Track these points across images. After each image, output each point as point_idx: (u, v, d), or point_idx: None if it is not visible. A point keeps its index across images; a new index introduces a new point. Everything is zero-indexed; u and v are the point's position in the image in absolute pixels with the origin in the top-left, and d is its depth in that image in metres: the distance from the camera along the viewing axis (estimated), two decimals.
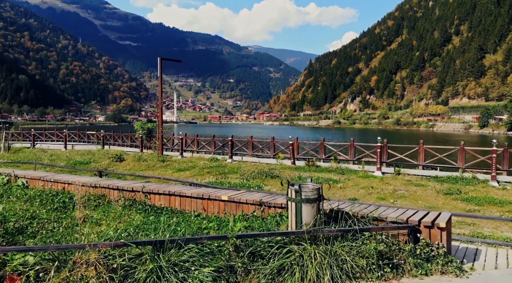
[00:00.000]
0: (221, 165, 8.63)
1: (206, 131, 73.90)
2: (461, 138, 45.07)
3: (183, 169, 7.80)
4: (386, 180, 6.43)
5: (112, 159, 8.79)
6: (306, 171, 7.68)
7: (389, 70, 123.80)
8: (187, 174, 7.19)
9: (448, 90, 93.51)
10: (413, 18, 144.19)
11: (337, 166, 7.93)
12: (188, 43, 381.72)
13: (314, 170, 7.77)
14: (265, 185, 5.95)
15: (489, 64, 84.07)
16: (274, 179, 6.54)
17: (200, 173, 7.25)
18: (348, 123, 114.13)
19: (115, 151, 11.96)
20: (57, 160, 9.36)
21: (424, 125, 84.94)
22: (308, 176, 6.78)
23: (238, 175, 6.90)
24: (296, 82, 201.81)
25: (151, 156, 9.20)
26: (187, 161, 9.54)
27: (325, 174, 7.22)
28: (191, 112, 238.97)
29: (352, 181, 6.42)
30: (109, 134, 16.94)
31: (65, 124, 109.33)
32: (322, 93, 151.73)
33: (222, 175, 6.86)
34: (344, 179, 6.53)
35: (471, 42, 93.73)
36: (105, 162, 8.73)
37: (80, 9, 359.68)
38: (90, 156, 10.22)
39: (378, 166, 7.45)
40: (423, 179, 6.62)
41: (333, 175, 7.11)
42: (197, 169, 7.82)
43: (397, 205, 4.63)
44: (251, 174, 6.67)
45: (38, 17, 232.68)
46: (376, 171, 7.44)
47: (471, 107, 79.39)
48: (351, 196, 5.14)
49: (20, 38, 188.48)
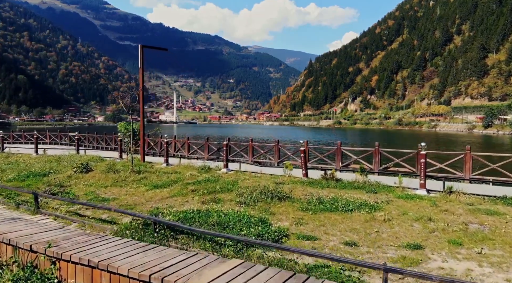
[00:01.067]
0: (213, 176, 6.84)
1: (206, 131, 72.62)
2: (469, 139, 43.38)
3: (161, 185, 5.95)
4: (439, 203, 4.59)
5: (76, 169, 7.00)
6: (324, 186, 5.80)
7: (390, 70, 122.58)
8: (164, 194, 5.36)
9: (450, 90, 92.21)
10: (413, 17, 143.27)
11: (363, 180, 6.05)
12: (188, 43, 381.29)
13: (335, 185, 5.89)
14: (273, 214, 4.13)
15: (492, 64, 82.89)
16: (284, 201, 4.71)
17: (182, 192, 5.40)
18: (349, 124, 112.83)
19: (90, 156, 10.22)
20: (9, 169, 7.59)
21: (426, 125, 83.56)
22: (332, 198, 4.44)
23: (233, 194, 5.16)
24: (296, 82, 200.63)
25: (126, 166, 7.31)
26: (171, 170, 7.75)
27: (351, 192, 5.40)
28: (191, 112, 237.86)
29: (394, 205, 4.59)
30: (91, 136, 15.11)
31: (63, 125, 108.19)
32: (323, 93, 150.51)
33: (212, 195, 5.05)
34: (382, 202, 4.66)
35: (473, 41, 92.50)
36: (67, 173, 6.96)
37: (79, 9, 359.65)
38: (55, 163, 8.44)
39: (422, 181, 5.44)
40: (489, 201, 4.80)
41: (363, 194, 5.31)
42: (179, 184, 6.02)
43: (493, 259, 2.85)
44: (252, 193, 4.92)
45: (38, 17, 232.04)
46: (420, 189, 5.50)
47: (474, 107, 78.08)
48: (406, 239, 3.34)
49: (19, 38, 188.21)
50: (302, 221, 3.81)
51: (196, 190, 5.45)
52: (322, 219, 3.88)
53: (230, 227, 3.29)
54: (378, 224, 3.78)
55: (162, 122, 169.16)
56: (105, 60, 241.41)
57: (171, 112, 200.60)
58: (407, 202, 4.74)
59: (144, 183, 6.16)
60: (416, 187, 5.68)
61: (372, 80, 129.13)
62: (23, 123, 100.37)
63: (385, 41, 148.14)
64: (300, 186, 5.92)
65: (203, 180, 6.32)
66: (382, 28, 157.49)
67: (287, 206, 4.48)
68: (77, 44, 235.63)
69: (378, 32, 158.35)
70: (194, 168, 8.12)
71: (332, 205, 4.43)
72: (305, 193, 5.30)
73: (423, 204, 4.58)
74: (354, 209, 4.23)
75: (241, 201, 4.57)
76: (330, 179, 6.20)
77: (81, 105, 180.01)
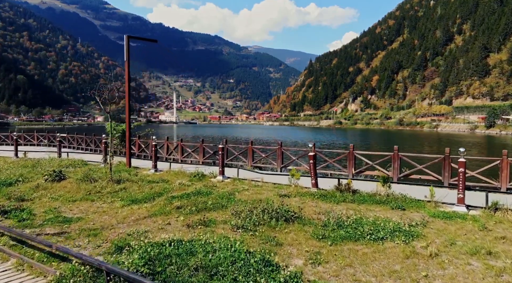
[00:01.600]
0: (206, 186, 5.82)
1: (205, 131, 71.76)
2: (473, 139, 42.32)
3: (140, 200, 4.88)
4: (489, 226, 3.61)
5: (47, 177, 5.98)
6: (339, 201, 4.76)
7: (391, 70, 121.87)
8: (142, 212, 4.31)
9: (452, 89, 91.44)
10: (414, 17, 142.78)
11: (386, 192, 4.96)
12: (188, 43, 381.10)
13: (352, 199, 4.81)
14: (279, 246, 3.04)
15: (494, 63, 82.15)
16: (292, 223, 3.66)
17: (164, 210, 4.33)
18: (350, 124, 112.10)
19: (71, 160, 9.18)
20: None
21: (428, 125, 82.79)
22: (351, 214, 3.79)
23: (228, 213, 4.14)
24: (296, 82, 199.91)
25: (105, 173, 6.28)
26: (158, 178, 6.68)
27: (373, 208, 4.38)
28: (190, 112, 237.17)
29: (433, 229, 3.54)
30: (80, 137, 14.05)
31: (63, 125, 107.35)
32: (323, 93, 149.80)
33: (201, 215, 3.98)
34: (417, 224, 3.65)
35: (475, 41, 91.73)
36: (36, 182, 5.97)
37: (79, 9, 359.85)
38: (29, 169, 7.44)
39: (460, 195, 4.33)
40: None
41: (388, 210, 4.30)
42: (163, 198, 4.93)
43: None
44: (252, 211, 3.89)
45: (38, 17, 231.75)
46: (458, 205, 4.40)
47: (475, 107, 77.33)
48: None
49: (19, 38, 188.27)
50: (320, 257, 2.80)
51: (182, 206, 4.38)
52: (347, 253, 2.89)
53: (220, 274, 2.25)
54: (424, 262, 2.75)
55: (162, 123, 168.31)
56: (104, 60, 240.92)
57: (171, 112, 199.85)
58: (448, 224, 3.72)
59: (122, 196, 5.12)
60: (451, 202, 4.63)
61: (373, 80, 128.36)
62: (22, 123, 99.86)
63: (386, 41, 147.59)
64: (310, 199, 4.87)
65: (193, 192, 5.27)
66: (383, 28, 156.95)
67: (297, 230, 3.42)
68: (77, 44, 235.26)
69: (378, 32, 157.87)
70: (185, 174, 7.09)
71: (355, 230, 3.37)
72: (318, 210, 4.28)
73: (469, 227, 3.58)
74: (386, 237, 3.18)
75: (238, 224, 3.49)
76: (345, 191, 5.12)
77: (81, 105, 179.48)
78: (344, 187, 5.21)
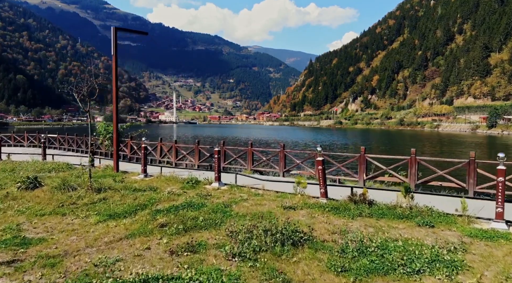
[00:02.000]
0: (198, 196, 5.07)
1: (205, 131, 71.16)
2: (475, 140, 41.54)
3: (120, 214, 4.12)
4: None
5: (20, 185, 5.27)
6: (355, 215, 4.08)
7: (391, 70, 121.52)
8: (119, 230, 3.54)
9: (453, 89, 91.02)
10: (414, 17, 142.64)
11: (408, 203, 4.26)
12: (188, 43, 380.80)
13: (369, 212, 4.13)
14: None
15: (495, 63, 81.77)
16: (302, 248, 2.90)
17: (145, 228, 3.57)
18: (350, 124, 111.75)
19: (56, 163, 8.47)
20: None
21: (429, 125, 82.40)
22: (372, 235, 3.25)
23: (222, 233, 3.37)
24: (296, 82, 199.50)
25: (85, 180, 5.50)
26: (145, 185, 5.92)
27: (397, 225, 3.71)
28: (190, 112, 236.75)
29: (477, 254, 2.86)
30: (71, 138, 13.36)
31: (62, 125, 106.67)
32: (323, 93, 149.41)
33: (189, 236, 3.26)
34: (455, 248, 2.91)
35: (476, 40, 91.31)
36: (7, 190, 5.25)
37: (79, 9, 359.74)
38: (5, 174, 6.72)
39: (499, 210, 3.56)
40: None
41: (414, 228, 3.62)
42: (147, 212, 4.18)
43: None
44: (251, 231, 3.11)
45: (37, 17, 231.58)
46: (497, 220, 3.63)
47: (477, 107, 76.97)
48: None
49: (18, 38, 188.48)
50: None
51: (167, 223, 3.61)
52: None
53: None
54: None
55: (161, 122, 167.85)
56: (104, 60, 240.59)
57: (170, 112, 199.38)
58: (492, 247, 3.01)
59: (99, 209, 4.35)
60: (488, 216, 3.94)
61: (373, 80, 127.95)
62: (21, 123, 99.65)
63: (386, 41, 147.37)
64: (320, 213, 4.18)
65: (183, 204, 4.51)
66: (383, 27, 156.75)
67: (309, 259, 2.68)
68: (77, 44, 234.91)
69: (378, 31, 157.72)
70: (177, 180, 6.36)
71: (382, 258, 2.62)
72: (331, 228, 3.59)
73: None
74: (423, 269, 2.43)
75: (234, 250, 2.73)
76: (360, 202, 4.40)
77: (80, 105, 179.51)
78: (358, 198, 4.49)
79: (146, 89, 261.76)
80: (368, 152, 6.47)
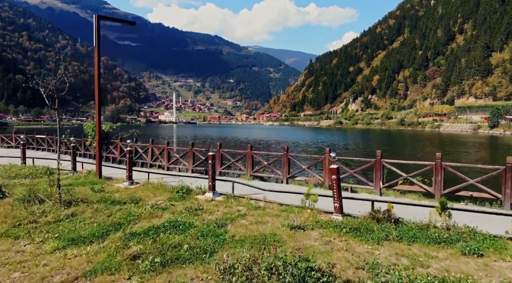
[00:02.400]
0: (187, 211, 4.30)
1: (205, 132, 70.90)
2: (478, 140, 41.07)
3: (86, 237, 3.37)
4: None
5: None
6: (380, 238, 3.33)
7: (392, 70, 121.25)
8: (79, 262, 2.83)
9: (454, 89, 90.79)
10: (414, 17, 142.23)
11: (445, 223, 3.50)
12: (188, 43, 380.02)
13: (398, 235, 3.40)
14: None
15: (496, 63, 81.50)
16: None
17: (113, 260, 2.83)
18: (350, 124, 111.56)
19: (35, 168, 7.68)
20: None
21: (430, 125, 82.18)
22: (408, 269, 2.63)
23: (212, 271, 2.62)
24: (296, 82, 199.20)
25: (73, 185, 5.12)
26: (127, 196, 5.18)
27: (436, 253, 3.02)
28: (190, 112, 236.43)
29: None
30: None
31: (61, 125, 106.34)
32: (323, 93, 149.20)
33: (166, 275, 2.56)
34: None
35: (477, 40, 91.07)
36: None
37: (79, 9, 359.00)
38: None
39: None
40: None
41: (460, 259, 2.92)
42: (120, 234, 3.43)
43: None
44: (250, 268, 2.41)
45: (37, 17, 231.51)
46: None
47: (478, 106, 76.73)
48: None
49: (18, 38, 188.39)
50: None
51: (141, 254, 2.87)
52: None
53: None
54: None
55: (161, 123, 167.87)
56: (104, 60, 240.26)
57: (170, 112, 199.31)
58: None
59: (62, 231, 3.54)
60: None
61: (373, 79, 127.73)
62: (20, 123, 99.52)
63: (386, 41, 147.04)
64: (337, 235, 3.44)
65: (167, 224, 3.71)
66: (383, 27, 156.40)
67: None
68: (77, 44, 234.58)
69: (378, 31, 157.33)
70: (166, 189, 5.61)
71: None
72: (355, 260, 2.83)
73: None
74: None
75: None
76: (384, 220, 3.69)
77: (80, 105, 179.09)
78: (382, 215, 3.74)
79: (146, 89, 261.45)
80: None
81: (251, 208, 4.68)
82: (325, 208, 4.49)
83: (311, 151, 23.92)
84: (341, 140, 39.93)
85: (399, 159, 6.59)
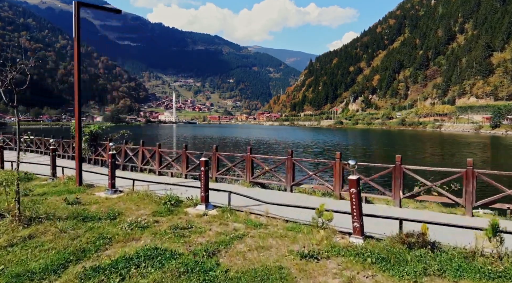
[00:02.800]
0: (172, 233, 3.52)
1: (205, 132, 70.43)
2: (481, 140, 40.45)
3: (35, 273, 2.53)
4: None
5: None
6: (417, 274, 2.53)
7: (392, 69, 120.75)
8: None
9: (455, 89, 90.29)
10: (415, 16, 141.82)
11: (496, 249, 2.74)
12: (187, 43, 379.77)
13: (439, 268, 2.61)
14: None
15: (497, 62, 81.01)
16: None
17: None
18: (350, 124, 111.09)
19: (12, 173, 6.69)
20: None
21: (431, 125, 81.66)
22: None
23: None
24: (296, 82, 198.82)
25: (48, 194, 4.32)
26: (106, 209, 4.45)
27: None
28: (190, 112, 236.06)
29: None
30: (47, 140, 11.96)
31: (60, 125, 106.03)
32: (323, 93, 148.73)
33: None
34: None
35: (477, 40, 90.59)
36: None
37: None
38: None
39: None
40: None
41: None
42: (77, 269, 2.62)
43: None
44: None
45: (37, 17, 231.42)
46: None
47: (479, 106, 76.23)
48: None
49: (18, 38, 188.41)
50: None
51: None
52: None
53: None
54: None
55: (161, 123, 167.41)
56: (104, 60, 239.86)
57: (170, 112, 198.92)
58: None
59: (9, 260, 2.78)
60: None
61: (374, 79, 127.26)
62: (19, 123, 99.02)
63: (386, 40, 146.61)
64: (361, 268, 2.69)
65: (142, 253, 2.94)
66: (383, 27, 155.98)
67: None
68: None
69: (379, 31, 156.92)
70: (152, 200, 4.90)
71: None
72: None
73: None
74: None
75: None
76: (417, 245, 2.92)
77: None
78: (415, 239, 2.95)
79: (146, 89, 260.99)
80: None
81: (250, 225, 3.96)
82: (338, 224, 3.68)
83: (313, 152, 23.29)
84: (343, 141, 39.29)
85: (419, 165, 5.87)
